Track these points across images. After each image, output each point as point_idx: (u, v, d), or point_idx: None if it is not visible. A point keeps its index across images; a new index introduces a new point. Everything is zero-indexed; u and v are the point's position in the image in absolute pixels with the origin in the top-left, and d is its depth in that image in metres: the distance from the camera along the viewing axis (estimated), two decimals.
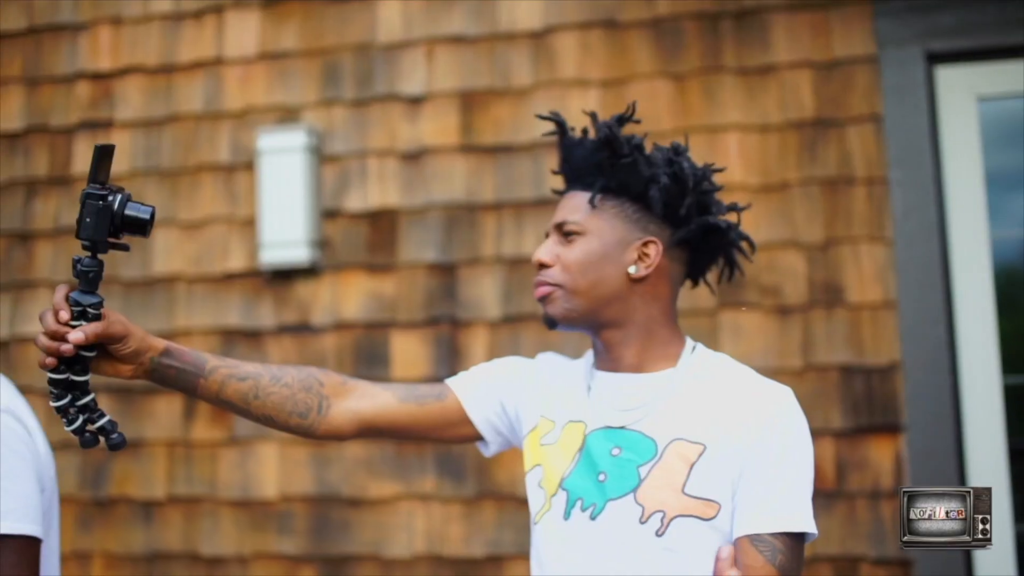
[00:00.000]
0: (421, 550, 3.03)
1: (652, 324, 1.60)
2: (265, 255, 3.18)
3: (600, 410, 1.60)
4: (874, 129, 2.92)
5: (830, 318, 2.87)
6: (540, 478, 1.63)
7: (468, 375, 1.80)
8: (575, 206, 1.62)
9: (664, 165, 1.60)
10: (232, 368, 1.60)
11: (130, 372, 1.51)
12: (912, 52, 2.92)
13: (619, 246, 1.58)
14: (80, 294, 1.42)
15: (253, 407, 1.62)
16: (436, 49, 3.22)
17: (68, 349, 1.40)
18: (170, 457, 3.25)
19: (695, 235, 1.62)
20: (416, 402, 1.72)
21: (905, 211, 2.87)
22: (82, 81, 3.49)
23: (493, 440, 1.78)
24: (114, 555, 3.26)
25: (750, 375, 1.57)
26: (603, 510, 1.51)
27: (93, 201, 1.41)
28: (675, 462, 1.49)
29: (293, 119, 3.29)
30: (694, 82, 3.03)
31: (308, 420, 1.65)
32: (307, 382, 1.66)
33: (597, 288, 1.58)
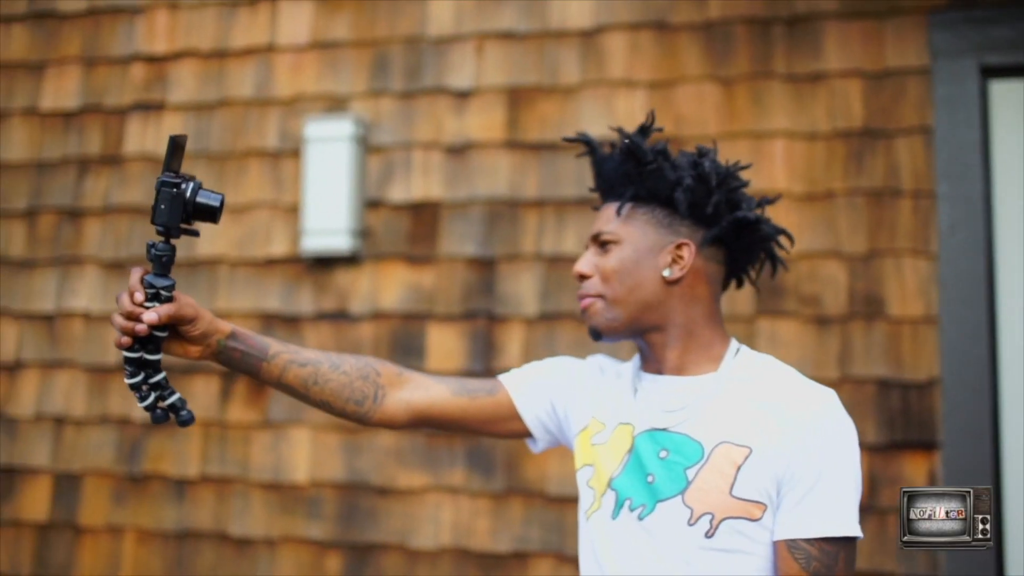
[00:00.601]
0: (447, 542, 3.04)
1: (693, 325, 1.62)
2: (307, 242, 3.21)
3: (646, 412, 1.62)
4: (923, 141, 2.88)
5: (869, 330, 2.84)
6: (590, 477, 1.67)
7: (520, 372, 1.83)
8: (608, 217, 1.66)
9: (688, 168, 1.62)
10: (294, 354, 1.68)
11: (198, 353, 1.58)
12: (966, 65, 2.88)
13: (652, 251, 1.61)
14: (154, 277, 1.50)
15: (312, 392, 1.69)
16: (485, 44, 3.22)
17: (142, 329, 1.48)
18: (205, 437, 3.29)
19: (727, 232, 1.64)
20: (468, 396, 1.78)
21: (951, 226, 2.83)
22: (137, 63, 3.54)
23: (541, 437, 1.81)
24: (146, 530, 3.31)
25: (794, 377, 1.57)
26: (652, 511, 1.53)
27: (167, 189, 1.49)
28: (722, 465, 1.50)
29: (341, 108, 3.31)
30: (742, 87, 3.01)
31: (364, 408, 1.72)
32: (365, 371, 1.73)
33: (634, 294, 1.60)
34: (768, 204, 1.73)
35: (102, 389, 3.40)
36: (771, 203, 1.73)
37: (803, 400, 1.51)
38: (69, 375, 3.44)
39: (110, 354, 3.41)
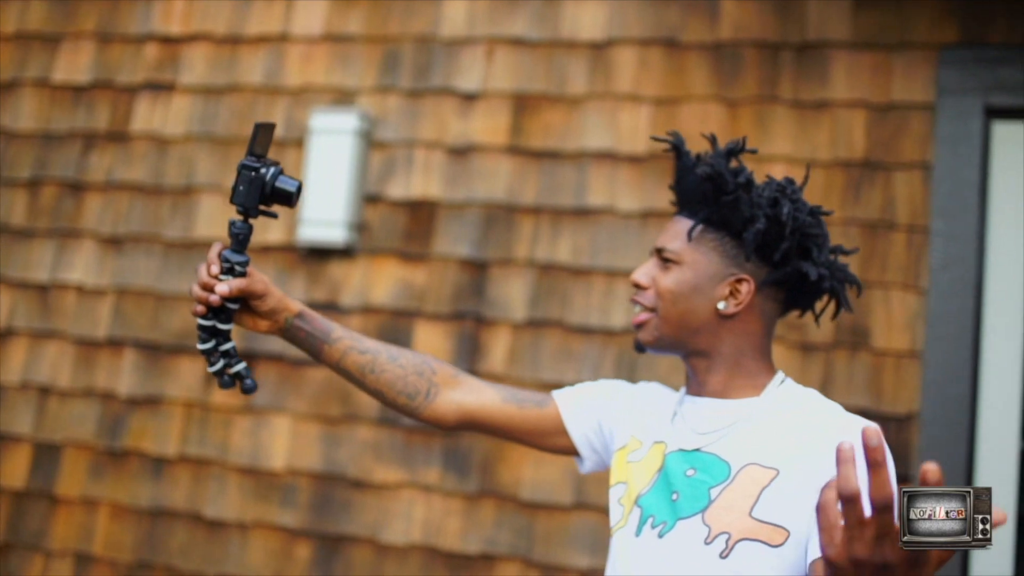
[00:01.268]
0: (417, 540, 3.04)
1: (740, 356, 1.60)
2: (303, 232, 3.22)
3: (680, 432, 1.62)
4: (922, 177, 2.88)
5: (853, 360, 2.84)
6: (622, 495, 1.66)
7: (572, 390, 1.85)
8: (676, 233, 1.64)
9: (767, 206, 1.58)
10: (355, 341, 1.75)
11: (267, 327, 1.68)
12: (971, 104, 2.89)
13: (712, 280, 1.59)
14: (230, 252, 1.60)
15: (368, 380, 1.75)
16: (496, 49, 3.24)
17: (215, 300, 1.58)
18: (186, 417, 3.30)
19: (789, 278, 1.61)
20: (516, 404, 1.80)
21: (943, 263, 2.83)
22: (151, 42, 3.57)
23: (588, 456, 1.82)
24: (121, 506, 3.31)
25: (836, 410, 1.53)
26: (672, 529, 1.52)
27: (247, 171, 1.58)
28: (746, 485, 1.47)
29: (348, 102, 3.33)
30: (747, 109, 3.02)
31: (415, 402, 1.77)
32: (421, 367, 1.78)
33: (686, 318, 1.60)
34: (844, 254, 1.69)
35: (89, 363, 3.42)
36: (847, 253, 1.69)
37: (842, 427, 1.47)
38: (58, 346, 3.45)
39: (100, 328, 3.42)
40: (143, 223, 3.46)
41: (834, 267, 1.64)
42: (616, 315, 3.00)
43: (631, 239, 3.03)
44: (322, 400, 3.19)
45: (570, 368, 3.00)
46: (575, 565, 2.91)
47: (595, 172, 3.10)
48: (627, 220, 3.04)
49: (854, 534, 1.06)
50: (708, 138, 1.72)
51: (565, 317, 3.04)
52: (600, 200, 3.07)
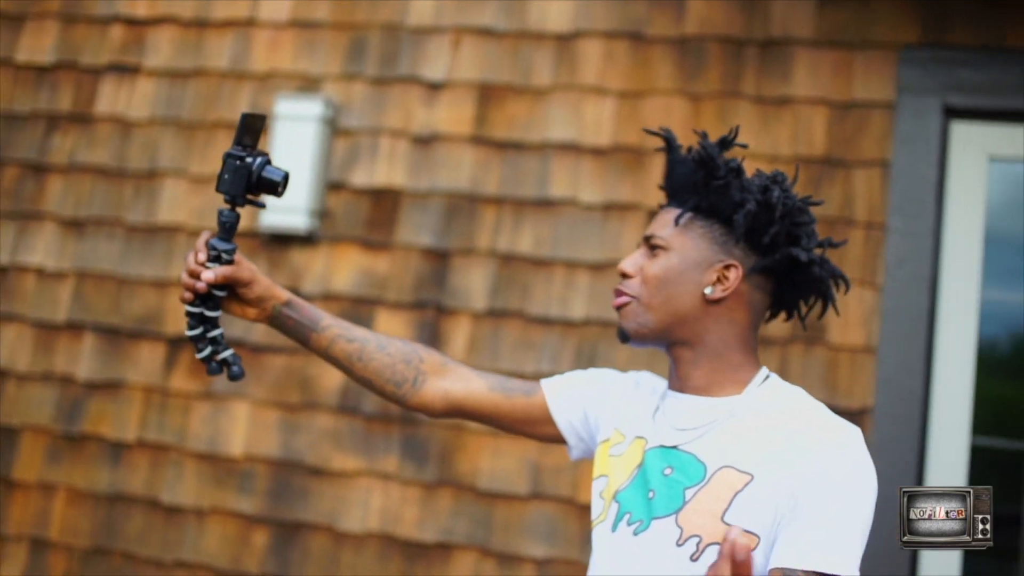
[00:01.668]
0: (374, 528, 3.05)
1: (724, 348, 1.58)
2: (265, 218, 3.21)
3: (661, 428, 1.61)
4: (881, 175, 2.91)
5: (808, 355, 2.87)
6: (603, 488, 1.66)
7: (561, 379, 1.84)
8: (665, 221, 1.63)
9: (757, 192, 1.58)
10: (344, 329, 1.77)
11: (255, 315, 1.70)
12: (930, 103, 2.92)
13: (699, 266, 1.58)
14: (218, 240, 1.62)
15: (356, 368, 1.77)
16: (462, 38, 3.24)
17: (201, 286, 1.60)
18: (146, 402, 3.29)
19: (779, 265, 1.59)
20: (503, 393, 1.80)
21: (899, 260, 2.87)
22: (116, 24, 3.55)
23: (575, 445, 1.82)
24: (78, 490, 3.30)
25: (819, 411, 1.52)
26: (647, 528, 1.52)
27: (232, 161, 1.61)
28: (720, 489, 1.47)
29: (313, 89, 3.33)
30: (710, 104, 3.04)
31: (402, 390, 1.79)
32: (408, 356, 1.79)
33: (670, 304, 1.58)
34: (831, 247, 1.67)
35: (48, 346, 3.40)
36: (835, 246, 1.69)
37: (823, 432, 1.46)
38: (16, 329, 3.43)
39: (59, 312, 3.40)
40: (105, 207, 3.44)
41: (822, 260, 1.63)
42: (576, 306, 3.01)
43: (593, 231, 3.04)
44: (281, 387, 3.19)
45: (529, 358, 3.01)
46: (531, 555, 2.93)
47: (558, 164, 3.11)
48: (589, 212, 3.06)
49: None
50: (699, 134, 1.70)
51: (525, 308, 3.05)
52: (562, 192, 3.08)
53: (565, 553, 2.90)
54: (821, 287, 1.64)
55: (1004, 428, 2.93)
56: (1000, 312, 2.96)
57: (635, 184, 3.04)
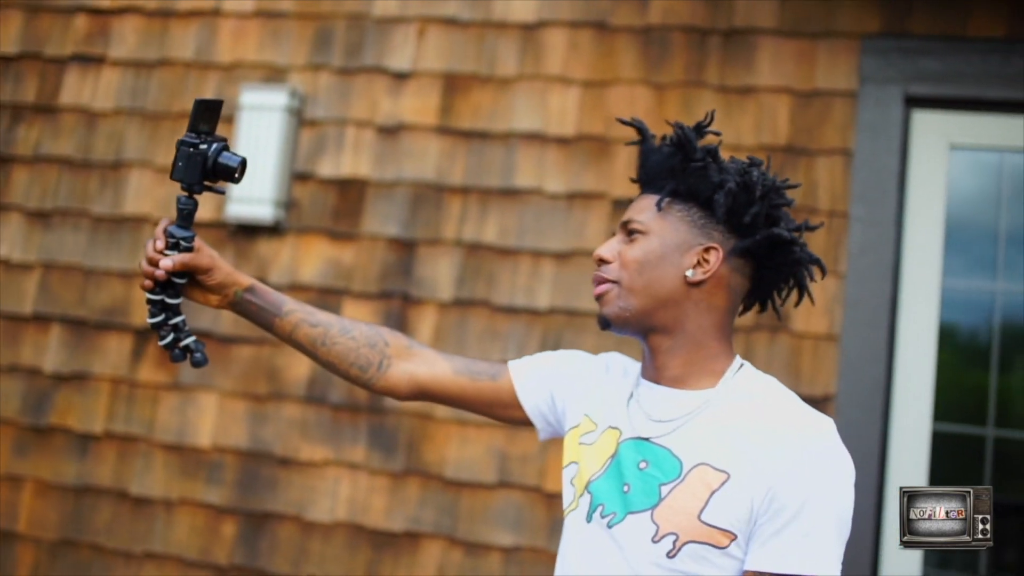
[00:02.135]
0: (342, 517, 3.06)
1: (702, 335, 1.57)
2: (231, 209, 3.21)
3: (635, 420, 1.60)
4: (843, 163, 2.93)
5: (772, 343, 2.89)
6: (574, 475, 1.65)
7: (529, 361, 1.83)
8: (643, 207, 1.62)
9: (735, 174, 1.57)
10: (307, 314, 1.77)
11: (216, 301, 1.70)
12: (892, 92, 2.94)
13: (679, 249, 1.57)
14: (175, 228, 1.63)
15: (320, 352, 1.77)
16: (428, 28, 3.24)
17: (160, 274, 1.61)
18: (113, 394, 3.28)
19: (759, 246, 1.58)
20: (469, 377, 1.80)
21: (861, 248, 2.89)
22: (81, 14, 3.53)
23: (543, 428, 1.81)
24: (46, 483, 3.29)
25: (793, 404, 1.52)
26: (620, 521, 1.52)
27: (185, 148, 1.60)
28: (697, 487, 1.47)
29: (279, 79, 3.32)
30: (674, 93, 3.05)
31: (367, 374, 1.79)
32: (373, 339, 1.79)
33: (652, 288, 1.56)
34: (808, 230, 1.66)
35: (15, 338, 3.38)
36: (812, 229, 1.67)
37: (796, 427, 1.46)
38: None
39: (26, 303, 3.39)
40: (71, 198, 3.43)
41: (798, 241, 1.62)
42: (541, 295, 3.02)
43: (558, 220, 3.05)
44: (249, 378, 3.19)
45: (495, 347, 3.03)
46: (498, 543, 2.94)
47: (523, 153, 3.11)
48: (554, 201, 3.07)
49: None
50: (672, 124, 1.67)
51: (491, 297, 3.06)
52: (528, 181, 3.09)
53: (532, 541, 2.92)
54: (799, 271, 1.64)
55: (965, 414, 2.97)
56: (962, 299, 2.99)
57: (600, 173, 3.05)
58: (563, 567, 1.62)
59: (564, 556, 1.62)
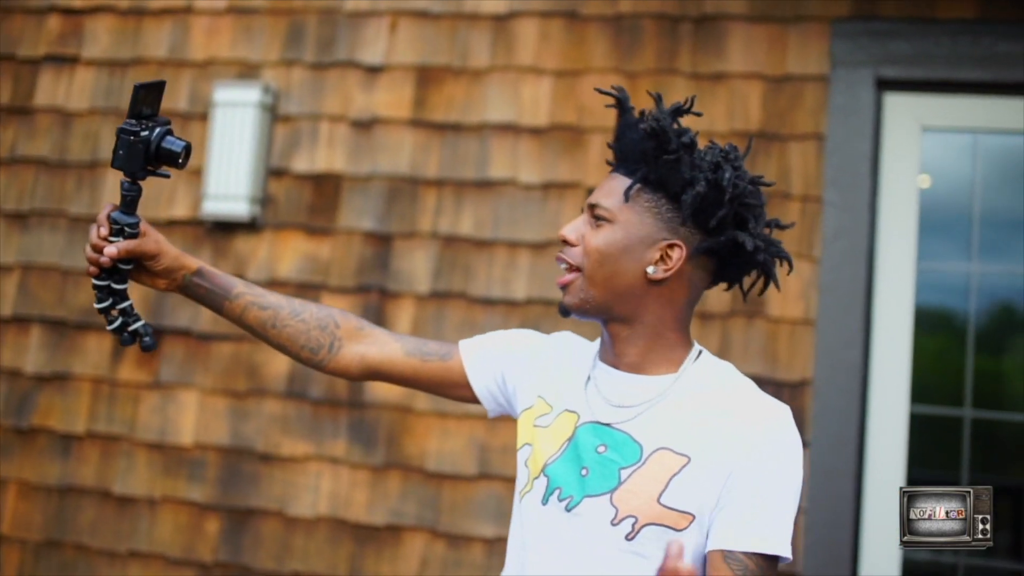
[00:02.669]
0: (324, 512, 3.07)
1: (661, 326, 1.57)
2: (207, 206, 3.21)
3: (594, 404, 1.60)
4: (816, 148, 2.94)
5: (749, 329, 2.90)
6: (528, 457, 1.65)
7: (480, 340, 1.82)
8: (612, 190, 1.58)
9: (708, 170, 1.52)
10: (257, 297, 1.76)
11: (164, 285, 1.69)
12: (863, 75, 2.94)
13: (643, 243, 1.55)
14: (119, 214, 1.59)
15: (270, 334, 1.76)
16: (399, 22, 3.24)
17: (104, 261, 1.58)
18: (94, 393, 3.29)
19: (723, 247, 1.56)
20: (420, 358, 1.79)
21: (835, 232, 2.90)
22: (53, 15, 3.53)
23: (492, 408, 1.82)
24: (29, 484, 3.30)
25: (749, 390, 1.55)
26: (578, 504, 1.52)
27: (125, 136, 1.57)
28: (656, 471, 1.48)
29: (253, 75, 3.32)
30: (646, 81, 3.05)
31: (318, 356, 1.78)
32: (324, 321, 1.78)
33: (612, 280, 1.55)
34: (779, 228, 1.63)
35: None
36: (783, 228, 1.64)
37: (754, 413, 1.49)
38: None
39: (5, 305, 3.39)
40: (48, 199, 3.43)
41: (768, 241, 1.59)
42: (518, 286, 3.03)
43: (532, 211, 3.06)
44: (229, 374, 3.20)
45: None
46: (480, 534, 2.95)
47: (497, 144, 3.12)
48: (528, 192, 3.07)
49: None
50: (653, 96, 1.66)
51: (468, 289, 3.07)
52: (502, 172, 3.09)
53: None
54: (764, 268, 1.62)
55: (942, 396, 2.98)
56: (937, 281, 3.00)
57: (574, 163, 3.05)
58: (519, 549, 1.61)
59: (520, 538, 1.61)
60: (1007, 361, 3.07)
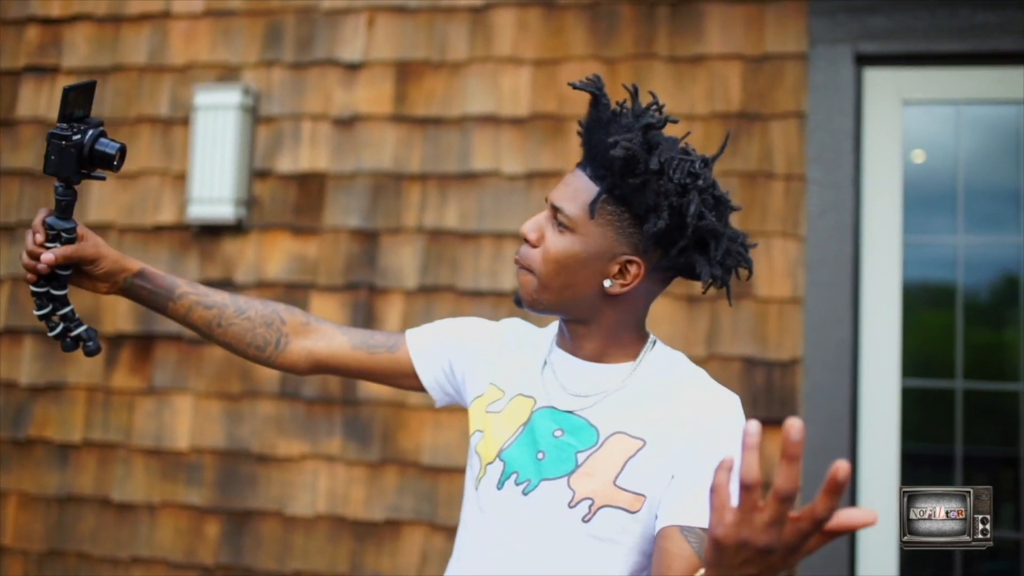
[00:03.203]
0: (323, 510, 3.08)
1: (618, 328, 1.58)
2: (193, 210, 3.21)
3: (552, 389, 1.61)
4: (798, 126, 2.94)
5: (737, 310, 2.90)
6: (479, 442, 1.65)
7: (427, 330, 1.82)
8: (575, 193, 1.55)
9: (675, 194, 1.48)
10: (201, 296, 1.75)
11: (106, 289, 1.67)
12: (842, 52, 2.94)
13: (602, 257, 1.53)
14: (55, 219, 1.57)
15: (216, 333, 1.76)
16: (377, 18, 3.24)
17: (42, 267, 1.56)
18: (89, 402, 3.30)
19: (681, 268, 1.55)
20: (367, 350, 1.80)
21: (820, 210, 2.90)
22: (31, 25, 3.52)
23: (439, 397, 1.82)
24: (28, 495, 3.31)
25: (702, 379, 1.57)
26: (536, 488, 1.53)
27: (56, 141, 1.54)
28: (613, 453, 1.50)
29: (233, 78, 3.32)
30: (625, 67, 3.05)
31: (265, 353, 1.79)
32: (270, 318, 1.78)
33: (568, 291, 1.55)
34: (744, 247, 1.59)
35: None
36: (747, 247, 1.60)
37: (705, 402, 1.52)
38: None
39: None
40: (34, 209, 3.43)
41: (728, 255, 1.57)
42: (505, 277, 3.03)
43: (517, 201, 3.06)
44: (222, 378, 3.20)
45: None
46: None
47: (479, 136, 3.12)
48: (512, 182, 3.07)
49: (746, 518, 1.08)
50: (629, 89, 1.62)
51: (456, 282, 3.07)
52: (485, 164, 3.10)
53: None
54: (720, 283, 1.59)
55: (933, 368, 2.98)
56: (924, 254, 3.01)
57: (556, 152, 3.05)
58: (473, 534, 1.61)
59: (477, 523, 1.60)
60: (997, 332, 3.07)
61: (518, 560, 1.53)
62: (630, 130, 1.50)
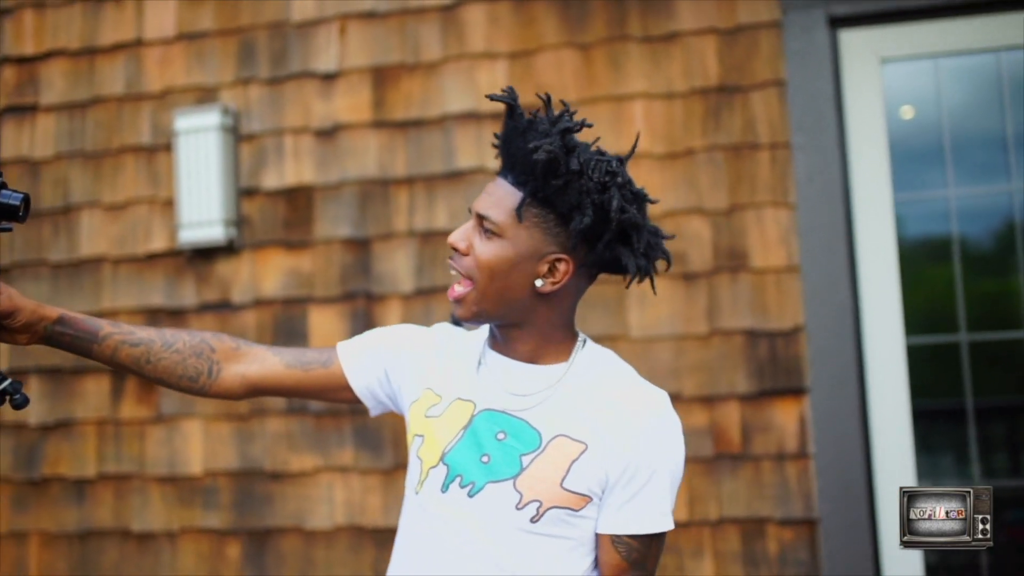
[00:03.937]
0: (341, 521, 3.08)
1: (550, 327, 1.64)
2: (184, 235, 3.21)
3: (490, 392, 1.65)
4: (778, 94, 2.93)
5: (735, 283, 2.89)
6: (420, 447, 1.68)
7: (357, 341, 1.84)
8: (499, 200, 1.60)
9: (596, 191, 1.55)
10: (126, 335, 1.72)
11: (26, 340, 1.65)
12: (815, 16, 2.93)
13: (532, 258, 1.58)
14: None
15: (146, 370, 1.74)
16: (349, 25, 3.23)
17: None
18: (99, 436, 3.30)
19: (607, 263, 1.63)
20: (302, 368, 1.80)
21: (808, 176, 2.89)
22: (7, 66, 3.52)
23: (373, 407, 1.84)
24: (49, 534, 3.32)
25: (631, 378, 1.65)
26: (481, 490, 1.58)
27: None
28: (556, 457, 1.57)
29: (211, 99, 3.31)
30: (600, 51, 3.04)
31: (198, 383, 1.77)
32: (199, 348, 1.77)
33: (504, 294, 1.59)
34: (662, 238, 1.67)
35: None
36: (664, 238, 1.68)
37: (638, 403, 1.60)
38: None
39: (0, 361, 3.40)
40: (26, 249, 3.44)
41: (651, 248, 1.64)
42: None
43: None
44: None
45: None
46: None
47: (461, 135, 3.11)
48: None
49: None
50: (542, 98, 1.68)
51: (451, 282, 3.06)
52: (469, 162, 3.09)
53: None
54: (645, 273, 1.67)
55: (936, 324, 2.98)
56: (917, 211, 3.00)
57: None
58: (417, 537, 1.64)
59: (420, 526, 1.63)
60: (998, 280, 3.06)
61: (467, 561, 1.57)
62: (548, 135, 1.56)
